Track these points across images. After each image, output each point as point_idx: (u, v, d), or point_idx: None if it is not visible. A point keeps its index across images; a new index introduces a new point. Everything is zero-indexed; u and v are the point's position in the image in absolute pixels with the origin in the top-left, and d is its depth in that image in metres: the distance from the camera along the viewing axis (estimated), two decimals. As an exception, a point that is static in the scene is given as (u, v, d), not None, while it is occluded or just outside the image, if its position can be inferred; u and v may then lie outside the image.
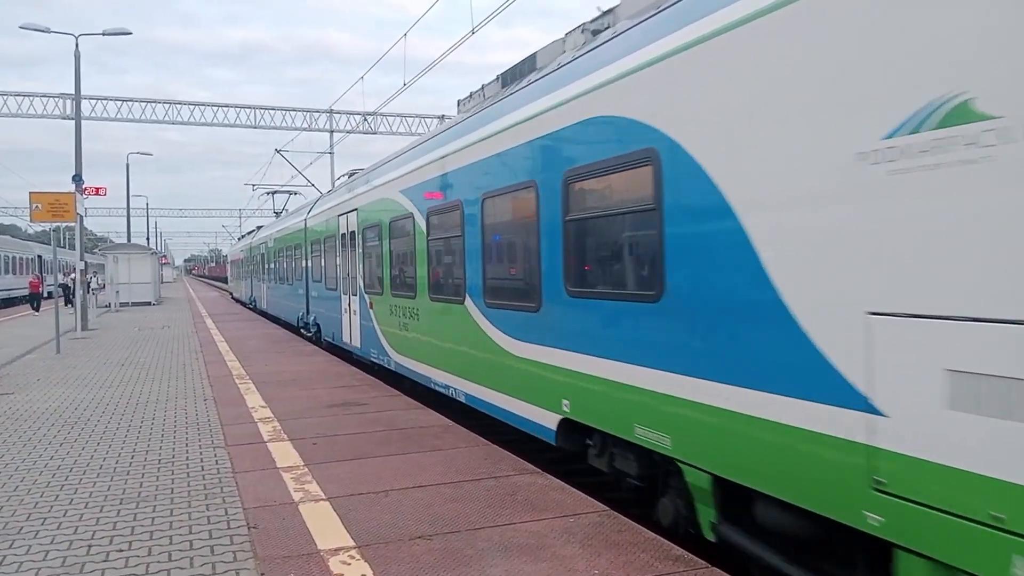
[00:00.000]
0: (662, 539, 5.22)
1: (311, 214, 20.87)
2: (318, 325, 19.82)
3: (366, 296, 14.15)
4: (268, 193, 41.54)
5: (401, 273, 12.00)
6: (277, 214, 38.20)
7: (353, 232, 15.05)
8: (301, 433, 8.78)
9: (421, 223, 10.73)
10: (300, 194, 39.97)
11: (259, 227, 41.54)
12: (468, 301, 9.09)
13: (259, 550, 5.18)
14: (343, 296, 16.18)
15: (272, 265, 30.03)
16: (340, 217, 16.26)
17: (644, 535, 5.28)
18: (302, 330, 22.40)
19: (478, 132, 8.90)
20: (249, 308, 38.81)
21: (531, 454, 8.04)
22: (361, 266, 14.52)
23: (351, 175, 17.83)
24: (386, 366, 13.06)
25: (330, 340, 18.26)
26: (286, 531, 5.53)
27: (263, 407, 10.49)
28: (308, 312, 21.44)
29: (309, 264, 21.02)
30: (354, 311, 15.15)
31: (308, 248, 21.10)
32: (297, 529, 5.56)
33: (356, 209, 14.75)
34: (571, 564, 4.80)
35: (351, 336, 15.57)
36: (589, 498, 6.16)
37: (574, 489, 6.41)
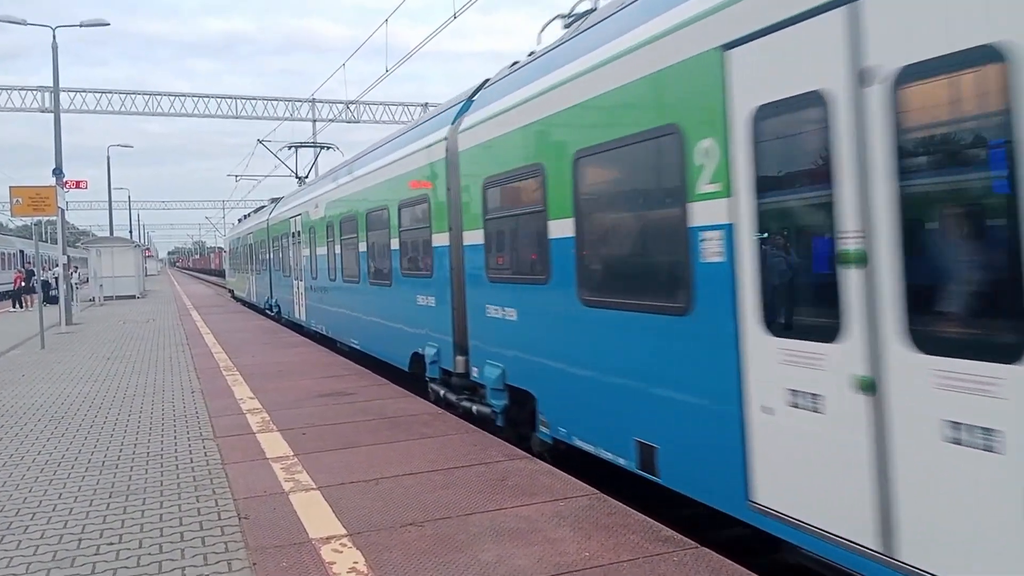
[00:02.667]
0: (651, 521, 5.27)
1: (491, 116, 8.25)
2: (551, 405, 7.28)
3: None
4: (290, 147, 30.28)
5: None
6: (301, 179, 27.85)
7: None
8: (290, 423, 8.77)
9: None
10: (335, 149, 29.05)
11: (275, 199, 28.52)
12: None
13: (250, 540, 5.18)
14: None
15: (324, 250, 16.89)
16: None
17: (633, 517, 5.33)
18: (446, 393, 9.74)
19: None
20: (269, 316, 26.31)
21: (520, 440, 8.06)
22: None
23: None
24: None
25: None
26: (277, 521, 5.53)
27: (251, 398, 10.47)
28: (486, 356, 8.49)
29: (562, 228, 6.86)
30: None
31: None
32: (288, 519, 5.57)
33: None
34: (562, 547, 4.84)
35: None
36: (578, 482, 6.20)
37: (563, 473, 6.44)
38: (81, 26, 27.22)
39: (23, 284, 37.15)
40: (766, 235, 4.55)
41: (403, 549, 4.91)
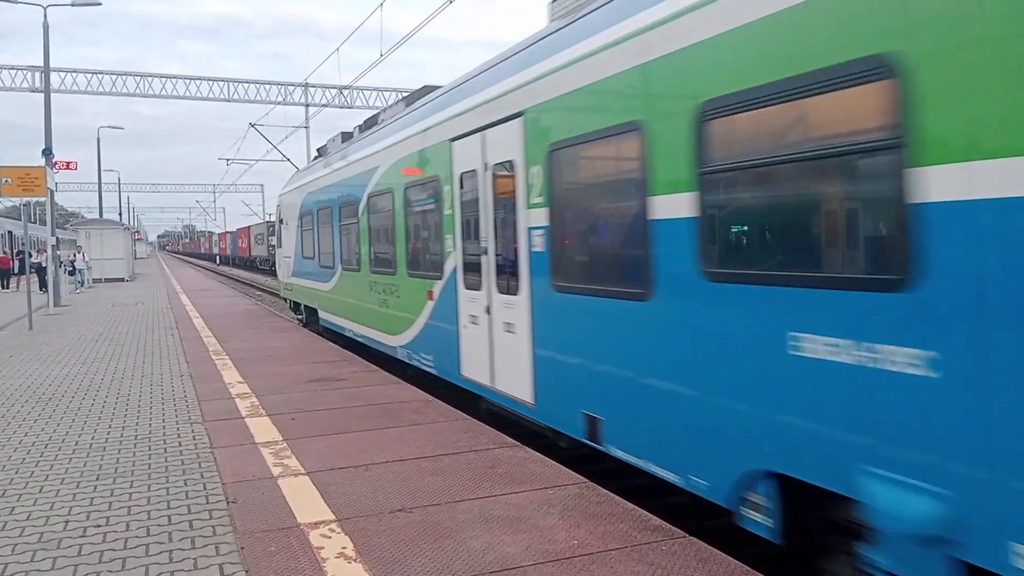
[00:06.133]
0: (640, 510, 5.28)
1: None
2: None
3: None
4: None
5: None
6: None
7: None
8: (280, 408, 8.75)
9: None
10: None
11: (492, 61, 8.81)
12: None
13: (238, 524, 5.17)
14: None
15: None
16: None
17: (623, 506, 5.34)
18: None
19: None
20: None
21: (510, 428, 8.07)
22: None
23: None
24: None
25: None
26: (265, 505, 5.52)
27: (240, 383, 10.43)
28: None
29: None
30: None
31: None
32: (276, 503, 5.56)
33: None
34: (551, 535, 4.85)
35: None
36: (568, 470, 6.21)
37: (553, 462, 6.45)
38: (72, 5, 26.94)
39: (12, 266, 36.88)
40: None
41: (391, 535, 4.91)
